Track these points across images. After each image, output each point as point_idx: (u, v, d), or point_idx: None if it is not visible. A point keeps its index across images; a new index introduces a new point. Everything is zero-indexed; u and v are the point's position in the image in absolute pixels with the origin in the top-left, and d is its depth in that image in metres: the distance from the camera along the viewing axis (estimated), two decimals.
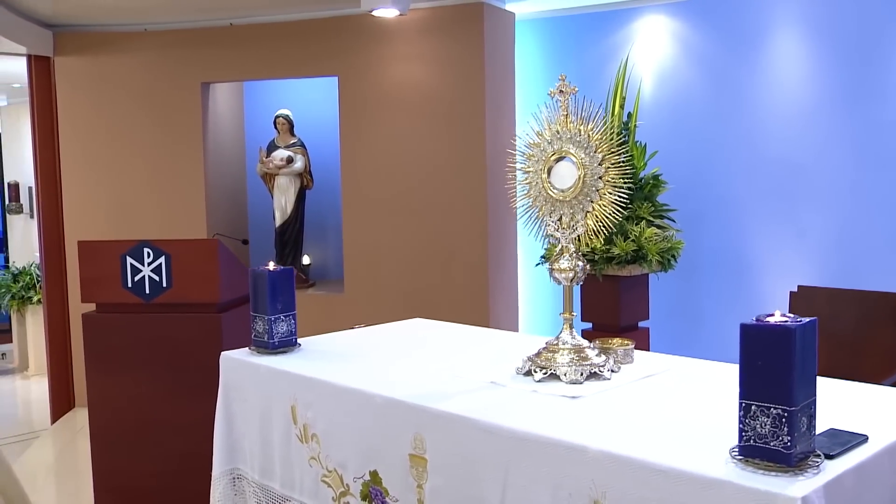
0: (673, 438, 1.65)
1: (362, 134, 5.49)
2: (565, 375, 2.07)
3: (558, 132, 2.15)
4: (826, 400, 1.53)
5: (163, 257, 3.44)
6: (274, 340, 2.55)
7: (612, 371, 2.14)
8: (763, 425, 1.44)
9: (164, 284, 3.44)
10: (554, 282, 2.21)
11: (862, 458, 1.50)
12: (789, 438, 1.41)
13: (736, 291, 4.95)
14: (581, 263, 2.18)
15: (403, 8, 4.72)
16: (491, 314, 5.17)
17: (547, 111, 2.18)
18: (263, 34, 5.64)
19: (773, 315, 1.47)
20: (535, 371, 2.11)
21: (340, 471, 2.22)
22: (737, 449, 1.48)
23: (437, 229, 5.32)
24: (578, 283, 2.19)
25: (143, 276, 3.46)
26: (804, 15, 4.71)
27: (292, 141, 6.03)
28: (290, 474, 2.40)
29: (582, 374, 2.07)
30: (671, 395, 2.00)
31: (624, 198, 2.08)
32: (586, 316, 4.51)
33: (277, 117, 6.02)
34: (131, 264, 3.46)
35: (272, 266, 2.60)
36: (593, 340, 2.24)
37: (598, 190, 2.09)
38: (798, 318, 1.45)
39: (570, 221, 2.15)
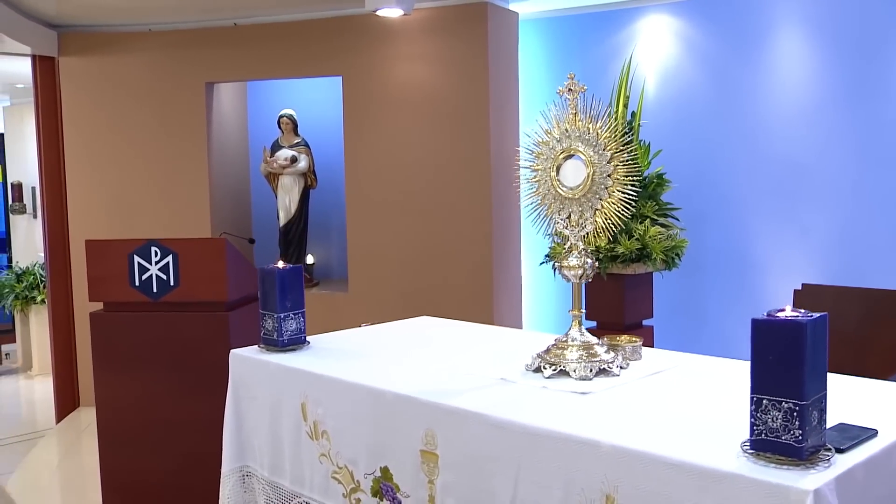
0: (684, 433, 1.67)
1: (366, 133, 5.51)
2: (575, 372, 2.09)
3: (567, 130, 2.17)
4: (834, 395, 1.54)
5: (170, 256, 3.45)
6: (283, 338, 2.56)
7: (621, 367, 2.16)
8: (774, 419, 1.45)
9: (172, 283, 3.46)
10: (563, 279, 2.22)
11: (872, 453, 1.52)
12: (800, 432, 1.43)
13: (739, 290, 4.97)
14: (590, 261, 2.19)
15: (407, 8, 4.73)
16: (495, 313, 5.18)
17: (556, 109, 2.20)
18: (267, 34, 5.66)
19: (784, 310, 1.49)
20: (545, 367, 2.13)
21: (351, 467, 2.23)
22: (748, 443, 1.50)
23: (441, 228, 5.33)
24: (587, 280, 2.21)
25: (151, 275, 3.47)
26: (807, 14, 4.72)
27: (296, 140, 6.05)
28: (300, 471, 2.41)
29: (591, 371, 2.09)
30: (680, 391, 2.02)
31: (632, 195, 2.10)
32: (591, 314, 4.52)
33: (281, 117, 6.04)
34: (139, 263, 3.47)
35: (281, 264, 2.62)
36: (601, 337, 2.26)
37: (607, 188, 2.11)
38: (809, 313, 1.46)
39: (579, 219, 2.17)
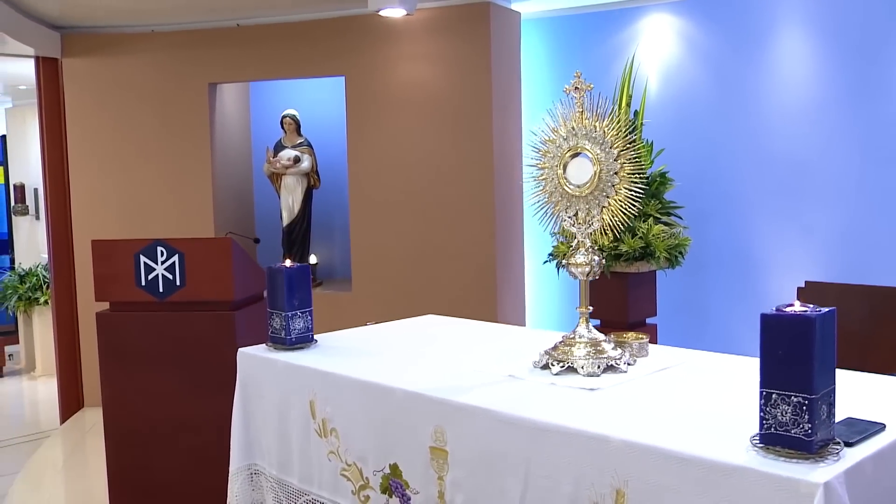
0: (693, 428, 1.68)
1: (369, 133, 5.52)
2: (582, 368, 2.10)
3: (574, 129, 2.18)
4: (841, 390, 1.55)
5: (176, 256, 3.46)
6: (291, 336, 2.57)
7: (629, 364, 2.17)
8: (784, 413, 1.46)
9: (178, 283, 3.47)
10: (570, 276, 2.23)
11: (880, 446, 1.53)
12: (810, 426, 1.44)
13: (742, 288, 4.98)
14: (597, 258, 2.20)
15: (410, 8, 4.75)
16: (498, 312, 5.19)
17: (562, 108, 2.21)
18: (270, 35, 5.67)
19: (793, 305, 1.50)
20: (553, 364, 2.14)
21: (360, 464, 2.24)
22: (757, 437, 1.51)
23: (445, 228, 5.34)
24: (594, 278, 2.22)
25: (157, 275, 3.48)
26: (809, 13, 4.73)
27: (299, 141, 6.06)
28: (309, 469, 2.42)
29: (599, 367, 2.10)
30: (688, 387, 2.03)
31: (639, 192, 2.11)
32: (594, 312, 4.47)
33: (284, 117, 6.05)
34: (145, 263, 3.49)
35: (288, 263, 2.63)
36: (608, 334, 2.27)
37: (614, 185, 2.12)
38: (817, 308, 1.48)
39: (586, 216, 2.18)
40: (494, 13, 5.20)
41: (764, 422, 1.49)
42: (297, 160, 5.95)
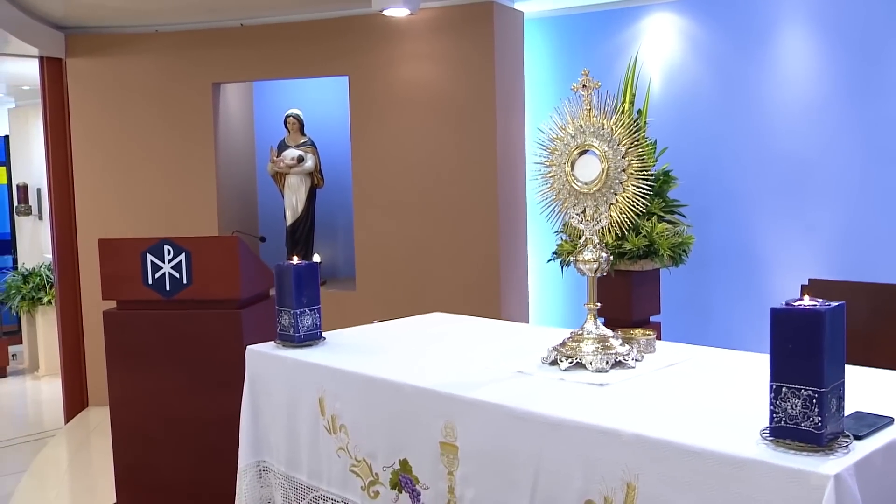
0: (703, 422, 1.69)
1: (373, 133, 5.54)
2: (591, 364, 2.11)
3: (581, 126, 2.20)
4: (848, 385, 1.56)
5: (183, 254, 3.48)
6: (300, 334, 2.59)
7: (636, 360, 2.18)
8: (794, 406, 1.48)
9: (185, 281, 3.48)
10: (578, 273, 2.25)
11: (889, 439, 1.55)
12: (820, 419, 1.45)
13: (745, 286, 4.99)
14: (605, 255, 2.22)
15: (414, 7, 4.76)
16: (502, 311, 5.21)
17: (570, 105, 2.23)
18: (274, 34, 5.69)
19: (802, 300, 1.51)
20: (561, 360, 2.15)
21: (369, 460, 2.26)
22: (767, 430, 1.52)
23: (448, 227, 5.36)
24: (602, 274, 2.24)
25: (164, 273, 3.50)
26: (811, 11, 4.74)
27: (302, 140, 6.07)
28: (318, 465, 2.44)
29: (607, 363, 2.12)
30: (696, 382, 2.04)
31: (647, 189, 2.13)
32: (598, 310, 4.54)
33: (288, 117, 6.07)
34: (152, 261, 3.50)
35: (296, 260, 2.65)
36: (615, 331, 2.29)
37: (622, 182, 2.14)
38: (827, 302, 1.49)
39: (594, 213, 2.19)
40: (497, 12, 5.21)
41: (774, 415, 1.51)
42: (301, 159, 5.97)
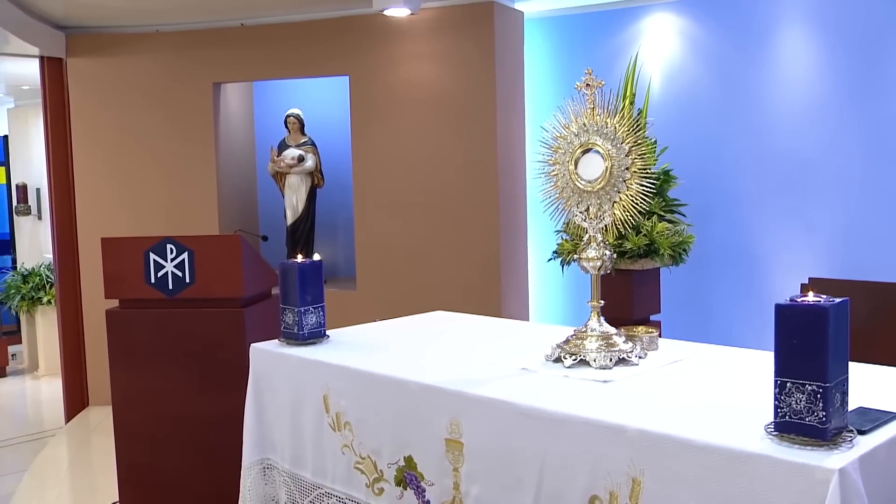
0: (707, 418, 1.71)
1: (373, 132, 5.55)
2: (595, 361, 2.13)
3: (585, 125, 2.21)
4: (851, 381, 1.57)
5: (185, 253, 3.48)
6: (304, 331, 2.60)
7: (640, 357, 2.20)
8: (798, 401, 1.49)
9: (188, 280, 3.49)
10: (582, 271, 2.26)
11: (893, 434, 1.56)
12: (824, 414, 1.47)
13: (745, 285, 5.01)
14: (608, 252, 2.23)
15: (414, 7, 4.77)
16: (503, 309, 5.22)
17: (573, 104, 2.24)
18: (274, 34, 5.70)
19: (807, 296, 1.53)
20: (565, 357, 2.16)
21: (374, 457, 2.27)
22: (772, 425, 1.54)
23: (449, 226, 5.37)
24: (605, 272, 2.25)
25: (167, 272, 3.50)
26: (811, 11, 4.76)
27: (303, 140, 6.08)
28: (322, 462, 2.45)
29: (611, 360, 2.13)
30: (700, 379, 2.06)
31: (650, 187, 2.14)
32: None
33: (288, 116, 6.08)
34: (154, 260, 3.51)
35: (300, 258, 2.66)
36: (619, 328, 2.30)
37: (625, 180, 2.15)
38: (831, 298, 1.50)
39: (598, 211, 2.21)
40: (498, 12, 5.23)
41: (779, 410, 1.52)
42: (301, 159, 5.98)
